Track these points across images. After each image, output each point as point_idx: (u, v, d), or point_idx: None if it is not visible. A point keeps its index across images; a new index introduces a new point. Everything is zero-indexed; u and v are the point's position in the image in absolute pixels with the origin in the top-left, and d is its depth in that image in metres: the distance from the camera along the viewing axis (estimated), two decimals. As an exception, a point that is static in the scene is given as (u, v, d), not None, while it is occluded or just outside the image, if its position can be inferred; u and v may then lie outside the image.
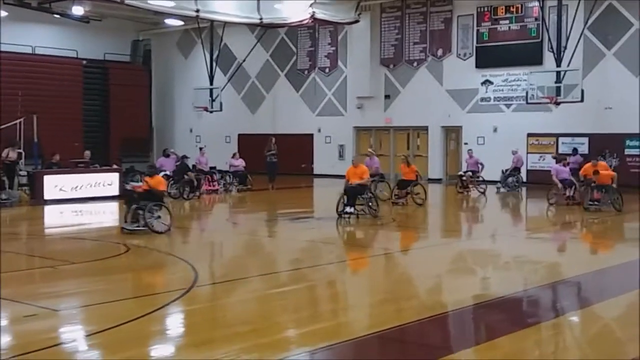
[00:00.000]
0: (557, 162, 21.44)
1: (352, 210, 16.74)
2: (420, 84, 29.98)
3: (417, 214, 19.25)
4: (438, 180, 29.61)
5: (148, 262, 11.67)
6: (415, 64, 30.15)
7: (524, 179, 25.77)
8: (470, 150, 25.80)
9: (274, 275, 10.92)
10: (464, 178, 24.23)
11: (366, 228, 16.07)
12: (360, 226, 16.24)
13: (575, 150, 25.33)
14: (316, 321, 8.04)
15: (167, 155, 23.56)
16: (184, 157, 23.11)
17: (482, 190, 23.82)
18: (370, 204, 17.18)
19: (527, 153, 26.96)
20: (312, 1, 26.52)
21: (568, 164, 22.51)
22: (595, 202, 18.41)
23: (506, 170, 25.09)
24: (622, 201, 18.26)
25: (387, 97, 30.98)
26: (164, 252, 12.18)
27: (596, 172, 18.75)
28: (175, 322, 8.18)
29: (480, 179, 24.29)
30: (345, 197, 16.91)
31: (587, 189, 19.12)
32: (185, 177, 21.95)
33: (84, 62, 34.63)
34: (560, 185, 19.98)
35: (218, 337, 7.31)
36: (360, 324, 8.01)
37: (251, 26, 30.84)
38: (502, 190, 24.76)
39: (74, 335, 7.43)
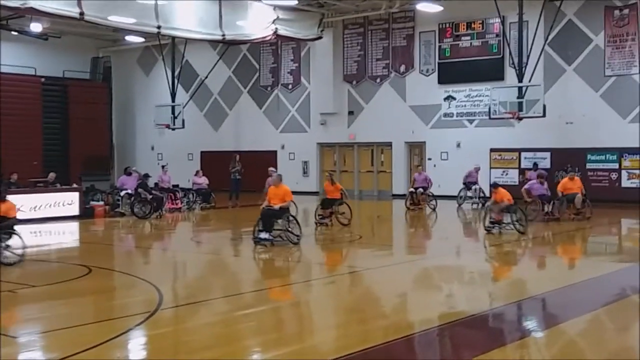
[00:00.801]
0: (537, 178, 20.88)
1: (267, 236, 14.97)
2: (383, 100, 30.03)
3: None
4: (402, 196, 29.48)
5: (111, 285, 11.33)
6: (378, 80, 30.20)
7: (484, 194, 25.66)
8: (419, 166, 26.18)
9: (239, 296, 10.66)
10: (415, 194, 24.07)
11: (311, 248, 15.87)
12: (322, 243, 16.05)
13: (535, 165, 25.48)
14: (282, 344, 7.83)
15: (129, 174, 23.19)
16: (146, 175, 22.76)
17: (432, 206, 23.71)
18: (290, 229, 15.30)
19: (490, 168, 27.09)
20: (275, 17, 26.43)
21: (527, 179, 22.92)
22: (496, 224, 17.25)
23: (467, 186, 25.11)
24: (526, 222, 17.28)
25: (350, 113, 30.97)
26: (126, 273, 11.86)
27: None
28: (138, 348, 7.88)
29: (430, 195, 24.15)
30: (260, 221, 15.19)
31: (563, 204, 19.42)
32: (142, 196, 21.58)
33: (43, 79, 34.05)
34: (527, 198, 20.00)
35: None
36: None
37: (213, 43, 30.62)
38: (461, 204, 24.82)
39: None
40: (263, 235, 14.97)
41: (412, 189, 24.37)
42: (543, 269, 13.28)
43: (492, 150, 27.42)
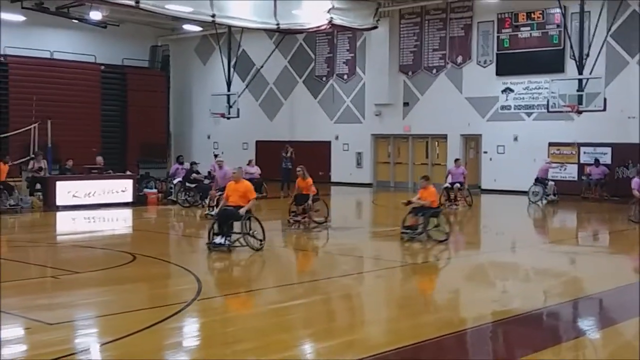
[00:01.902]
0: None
1: (222, 240, 12.90)
2: (439, 92, 29.55)
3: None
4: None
5: (152, 273, 11.32)
6: (434, 71, 29.73)
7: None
8: (458, 159, 24.31)
9: (283, 287, 10.57)
10: (452, 190, 22.34)
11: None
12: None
13: (597, 161, 24.79)
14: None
15: (181, 163, 23.30)
16: (193, 163, 22.88)
17: (469, 202, 22.57)
18: (252, 232, 13.20)
19: (546, 162, 26.32)
20: (330, 7, 26.21)
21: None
22: (409, 229, 14.80)
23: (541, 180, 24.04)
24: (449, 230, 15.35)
25: (405, 104, 30.58)
26: (169, 261, 11.88)
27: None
28: (168, 339, 7.82)
29: (466, 191, 22.77)
30: (217, 223, 13.18)
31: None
32: (187, 184, 21.69)
33: (102, 67, 34.58)
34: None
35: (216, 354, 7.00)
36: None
37: (269, 32, 30.64)
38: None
39: (60, 349, 7.11)
40: (218, 239, 12.92)
41: (447, 184, 22.46)
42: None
43: (550, 144, 26.69)
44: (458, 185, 22.35)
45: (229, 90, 32.23)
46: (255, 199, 13.69)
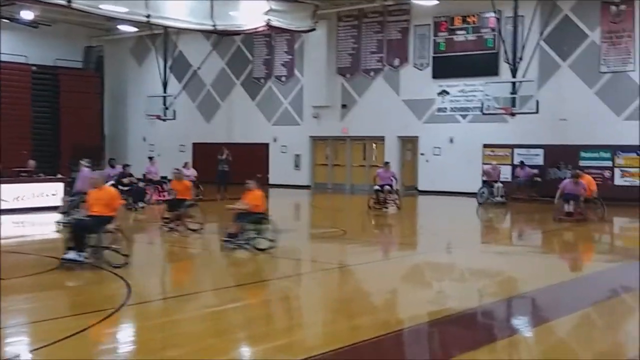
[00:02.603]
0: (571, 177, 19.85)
1: (75, 256, 11.09)
2: (377, 94, 29.72)
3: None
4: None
5: (80, 278, 10.95)
6: (372, 73, 29.87)
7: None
8: (387, 162, 23.66)
9: (218, 291, 10.39)
10: (381, 193, 21.65)
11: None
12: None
13: (522, 163, 25.26)
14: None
15: (112, 166, 22.72)
16: (125, 165, 22.43)
17: (397, 205, 21.82)
18: (114, 246, 11.51)
19: (483, 164, 26.75)
20: (268, 8, 26.03)
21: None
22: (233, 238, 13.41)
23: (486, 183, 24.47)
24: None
25: (343, 106, 30.65)
26: (99, 267, 11.50)
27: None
28: (96, 346, 7.56)
29: (395, 194, 22.09)
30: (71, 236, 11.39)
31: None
32: (120, 187, 21.22)
33: (34, 67, 33.71)
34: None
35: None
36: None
37: (206, 33, 30.29)
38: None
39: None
40: (70, 255, 11.12)
41: (377, 187, 21.75)
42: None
43: (485, 146, 27.10)
44: (388, 187, 21.72)
45: (165, 91, 31.82)
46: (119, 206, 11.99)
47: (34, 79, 33.79)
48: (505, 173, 26.43)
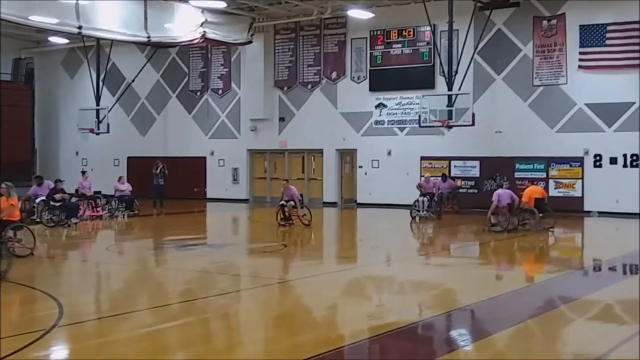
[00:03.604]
0: (500, 188, 20.47)
1: None
2: (315, 107, 29.65)
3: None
4: (333, 204, 29.22)
5: (9, 298, 10.46)
6: (309, 86, 29.80)
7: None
8: (285, 182, 22.50)
9: (155, 310, 10.05)
10: (286, 208, 20.91)
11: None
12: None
13: (444, 176, 25.45)
14: None
15: (40, 184, 21.89)
16: (57, 180, 21.74)
17: (307, 222, 20.74)
18: None
19: (421, 176, 26.83)
20: (203, 20, 25.77)
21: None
22: None
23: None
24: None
25: (281, 119, 30.48)
26: (30, 286, 11.04)
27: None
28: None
29: (304, 209, 21.28)
30: None
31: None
32: (52, 203, 20.60)
33: (-41, 80, 32.53)
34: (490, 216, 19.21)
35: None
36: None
37: (140, 45, 29.78)
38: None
39: None
40: None
41: (282, 202, 21.10)
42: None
43: (422, 158, 27.28)
44: (292, 203, 20.92)
45: (98, 104, 31.08)
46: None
47: (-40, 92, 32.57)
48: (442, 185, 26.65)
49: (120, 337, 8.45)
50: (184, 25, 25.54)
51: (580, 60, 24.45)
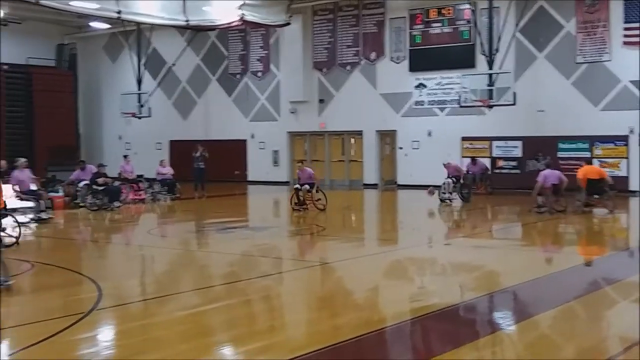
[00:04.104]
0: (547, 168, 19.98)
1: None
2: (354, 88, 29.52)
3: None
4: (374, 186, 29.14)
5: (50, 282, 10.61)
6: (348, 67, 29.66)
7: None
8: (300, 164, 22.06)
9: (199, 291, 10.15)
10: (300, 192, 20.15)
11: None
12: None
13: (473, 159, 25.17)
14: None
15: (83, 168, 22.23)
16: (100, 165, 22.06)
17: (321, 207, 20.04)
18: None
19: (462, 157, 26.63)
20: (242, 3, 25.75)
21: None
22: None
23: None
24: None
25: (321, 101, 30.43)
26: (69, 269, 11.21)
27: None
28: (65, 353, 7.27)
29: (319, 193, 20.40)
30: None
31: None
32: (95, 187, 20.90)
33: (6, 66, 33.08)
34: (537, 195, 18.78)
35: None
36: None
37: (180, 29, 29.93)
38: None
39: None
40: None
41: (297, 186, 20.55)
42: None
43: (463, 138, 27.01)
44: (307, 187, 20.18)
45: (139, 89, 31.41)
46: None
47: (7, 78, 33.19)
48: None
49: (163, 319, 8.56)
50: (222, 8, 25.57)
51: (625, 36, 23.90)
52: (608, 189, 18.93)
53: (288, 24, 28.70)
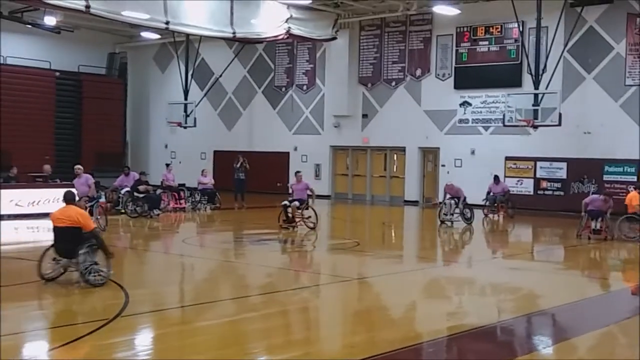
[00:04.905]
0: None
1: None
2: (398, 104, 29.42)
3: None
4: (414, 203, 28.94)
5: (77, 287, 10.74)
6: (393, 83, 29.59)
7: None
8: (299, 172, 20.45)
9: (237, 300, 10.19)
10: (289, 209, 18.67)
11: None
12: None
13: (496, 178, 23.60)
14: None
15: (127, 174, 22.59)
16: (142, 173, 22.35)
17: (311, 225, 18.70)
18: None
19: (505, 177, 26.26)
20: (288, 16, 25.95)
21: None
22: None
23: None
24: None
25: (364, 116, 30.39)
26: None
27: None
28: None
29: (309, 210, 19.16)
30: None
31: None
32: (136, 194, 21.19)
33: (58, 73, 33.85)
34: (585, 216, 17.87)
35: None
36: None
37: (228, 41, 30.27)
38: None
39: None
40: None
41: (285, 202, 18.89)
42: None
43: (507, 158, 26.68)
44: (296, 203, 18.77)
45: (186, 98, 31.80)
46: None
47: (58, 85, 33.93)
48: (528, 187, 26.10)
49: (203, 325, 8.67)
50: (269, 21, 25.80)
51: (677, 59, 23.38)
52: None
53: (334, 38, 28.83)
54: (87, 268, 10.27)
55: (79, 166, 18.50)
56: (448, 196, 21.27)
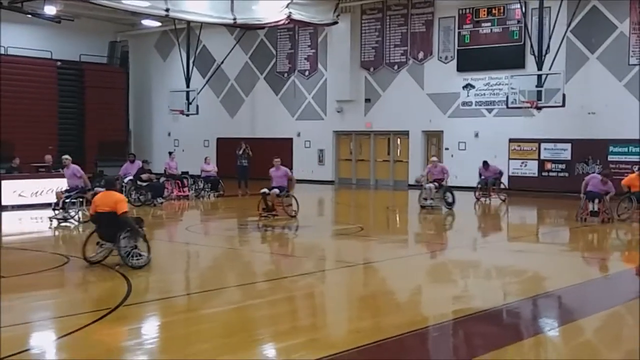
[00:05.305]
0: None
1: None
2: (401, 88, 29.30)
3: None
4: (419, 187, 28.77)
5: (80, 277, 10.70)
6: (396, 67, 29.45)
7: (506, 185, 24.57)
8: (277, 160, 19.41)
9: (243, 287, 10.18)
10: (268, 197, 18.12)
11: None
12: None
13: (485, 163, 23.07)
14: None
15: (132, 161, 22.59)
16: (144, 161, 22.31)
17: (292, 213, 18.34)
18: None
19: (509, 159, 26.21)
20: (289, 1, 25.78)
21: None
22: None
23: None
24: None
25: (367, 100, 30.29)
26: (104, 264, 11.27)
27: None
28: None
29: (289, 198, 18.86)
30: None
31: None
32: (139, 183, 21.16)
33: (59, 63, 33.80)
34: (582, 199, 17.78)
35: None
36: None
37: (229, 27, 30.12)
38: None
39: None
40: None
41: (264, 190, 18.26)
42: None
43: (511, 140, 26.58)
44: (276, 191, 18.14)
45: (188, 86, 31.70)
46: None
47: (60, 74, 33.87)
48: (532, 168, 26.00)
49: (210, 312, 8.66)
50: (270, 7, 25.66)
51: (681, 37, 23.21)
52: None
53: (336, 22, 28.68)
54: (128, 252, 10.82)
55: (66, 156, 18.00)
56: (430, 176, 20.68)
